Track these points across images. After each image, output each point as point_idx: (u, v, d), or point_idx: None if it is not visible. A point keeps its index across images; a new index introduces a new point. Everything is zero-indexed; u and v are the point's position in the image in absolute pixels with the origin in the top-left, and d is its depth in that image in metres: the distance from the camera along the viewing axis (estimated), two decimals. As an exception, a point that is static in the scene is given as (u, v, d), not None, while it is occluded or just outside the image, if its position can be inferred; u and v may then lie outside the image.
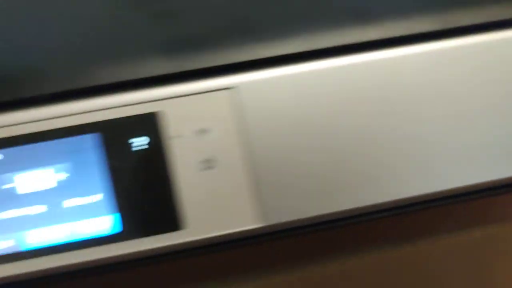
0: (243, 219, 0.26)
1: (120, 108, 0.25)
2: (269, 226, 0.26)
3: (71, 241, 0.25)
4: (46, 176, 0.25)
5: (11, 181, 0.25)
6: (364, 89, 0.27)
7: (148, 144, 0.25)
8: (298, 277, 0.31)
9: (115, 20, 0.27)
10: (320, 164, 0.26)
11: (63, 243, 0.25)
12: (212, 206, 0.26)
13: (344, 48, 0.27)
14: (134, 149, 0.25)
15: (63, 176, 0.25)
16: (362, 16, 0.27)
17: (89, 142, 0.25)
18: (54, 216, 0.25)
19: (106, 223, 0.25)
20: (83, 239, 0.25)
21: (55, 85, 0.25)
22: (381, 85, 0.26)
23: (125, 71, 0.25)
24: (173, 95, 0.25)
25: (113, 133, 0.25)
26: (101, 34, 0.26)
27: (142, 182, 0.25)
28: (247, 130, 0.26)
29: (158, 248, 0.26)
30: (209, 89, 0.26)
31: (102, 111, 0.25)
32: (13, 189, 0.25)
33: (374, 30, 0.26)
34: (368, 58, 0.26)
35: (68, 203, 0.25)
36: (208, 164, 0.26)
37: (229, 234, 0.26)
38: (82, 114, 0.25)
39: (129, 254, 0.26)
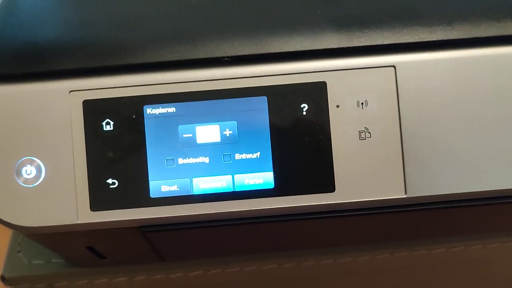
0: (388, 189, 0.28)
1: (288, 75, 0.28)
2: (411, 198, 0.28)
3: (228, 192, 0.28)
4: (212, 131, 0.28)
5: (177, 132, 0.28)
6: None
7: (311, 111, 0.28)
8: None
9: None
10: (464, 144, 0.28)
11: (222, 192, 0.28)
12: (362, 173, 0.28)
13: (503, 38, 0.28)
14: (297, 114, 0.28)
15: (227, 132, 0.28)
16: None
17: (256, 104, 0.28)
18: (216, 168, 0.28)
19: (261, 179, 0.28)
20: (240, 190, 0.28)
21: (234, 50, 0.28)
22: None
23: (297, 43, 0.28)
24: (338, 68, 0.28)
25: (279, 98, 0.28)
26: (276, 10, 0.29)
27: (301, 145, 0.28)
28: (402, 107, 0.28)
29: (306, 207, 0.28)
30: (371, 65, 0.28)
31: (271, 77, 0.28)
32: (180, 139, 0.28)
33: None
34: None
35: (229, 157, 0.28)
36: (364, 134, 0.28)
37: (375, 201, 0.28)
38: (252, 78, 0.28)
39: (278, 209, 0.28)
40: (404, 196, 0.28)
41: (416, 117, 0.28)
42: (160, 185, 0.28)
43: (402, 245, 0.37)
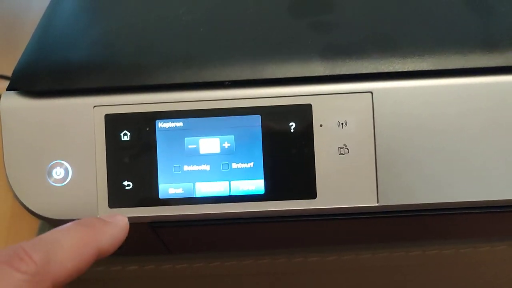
0: (362, 198, 0.32)
1: (279, 98, 0.32)
2: (383, 206, 0.32)
3: (225, 195, 0.33)
4: (213, 143, 0.33)
5: (183, 143, 0.33)
6: (477, 108, 0.32)
7: (298, 128, 0.32)
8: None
9: (280, 29, 0.34)
10: (432, 161, 0.32)
11: (220, 196, 0.33)
12: (340, 184, 0.32)
13: (469, 70, 0.32)
14: (286, 131, 0.32)
15: (226, 145, 0.33)
16: (491, 44, 0.32)
17: (251, 122, 0.32)
18: (216, 174, 0.33)
19: (253, 185, 0.33)
20: (235, 195, 0.33)
21: (234, 75, 0.32)
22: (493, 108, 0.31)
23: (287, 70, 0.32)
24: (323, 92, 0.32)
25: (271, 117, 0.32)
26: (271, 41, 0.33)
27: (289, 157, 0.32)
28: (377, 127, 0.32)
29: (291, 211, 0.33)
30: (351, 91, 0.32)
31: (265, 99, 0.32)
32: (186, 149, 0.33)
33: (499, 57, 0.31)
34: (489, 81, 0.32)
35: (226, 166, 0.33)
36: (343, 150, 0.32)
37: (350, 208, 0.32)
38: (249, 99, 0.32)
39: (268, 211, 0.33)
40: (376, 205, 0.32)
41: (389, 136, 0.32)
42: (168, 188, 0.33)
43: (383, 246, 0.42)
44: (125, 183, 0.33)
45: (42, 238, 0.24)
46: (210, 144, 0.33)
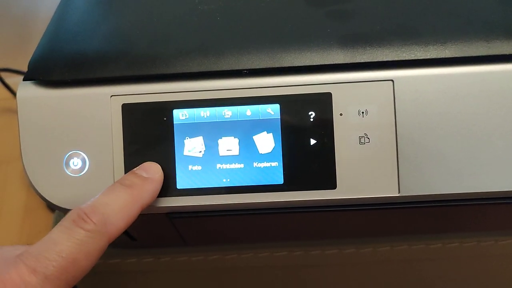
0: (383, 188, 0.32)
1: (299, 86, 0.32)
2: (404, 197, 0.32)
3: (243, 186, 0.32)
4: (231, 133, 0.32)
5: (201, 132, 0.32)
6: (500, 97, 0.31)
7: (318, 117, 0.32)
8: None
9: (298, 18, 0.33)
10: (454, 150, 0.31)
11: (238, 186, 0.32)
12: (360, 174, 0.32)
13: (491, 58, 0.31)
14: (305, 120, 0.32)
15: (244, 134, 0.32)
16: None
17: (270, 111, 0.32)
18: (234, 164, 0.32)
19: (272, 175, 0.32)
20: (253, 185, 0.32)
21: (252, 63, 0.32)
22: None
23: (307, 58, 0.32)
24: (343, 81, 0.32)
25: (290, 106, 0.32)
26: (290, 29, 0.33)
27: (309, 147, 0.32)
28: (398, 116, 0.31)
29: (311, 201, 0.32)
30: (372, 79, 0.31)
31: (284, 87, 0.32)
32: (203, 138, 0.32)
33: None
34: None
35: (245, 155, 0.32)
36: (363, 139, 0.31)
37: (371, 198, 0.32)
38: (267, 88, 0.32)
39: (287, 202, 0.32)
40: (398, 195, 0.32)
41: (410, 125, 0.31)
42: (186, 178, 0.32)
43: (402, 239, 0.41)
44: (143, 173, 0.32)
45: (96, 203, 0.29)
46: (228, 134, 0.32)
